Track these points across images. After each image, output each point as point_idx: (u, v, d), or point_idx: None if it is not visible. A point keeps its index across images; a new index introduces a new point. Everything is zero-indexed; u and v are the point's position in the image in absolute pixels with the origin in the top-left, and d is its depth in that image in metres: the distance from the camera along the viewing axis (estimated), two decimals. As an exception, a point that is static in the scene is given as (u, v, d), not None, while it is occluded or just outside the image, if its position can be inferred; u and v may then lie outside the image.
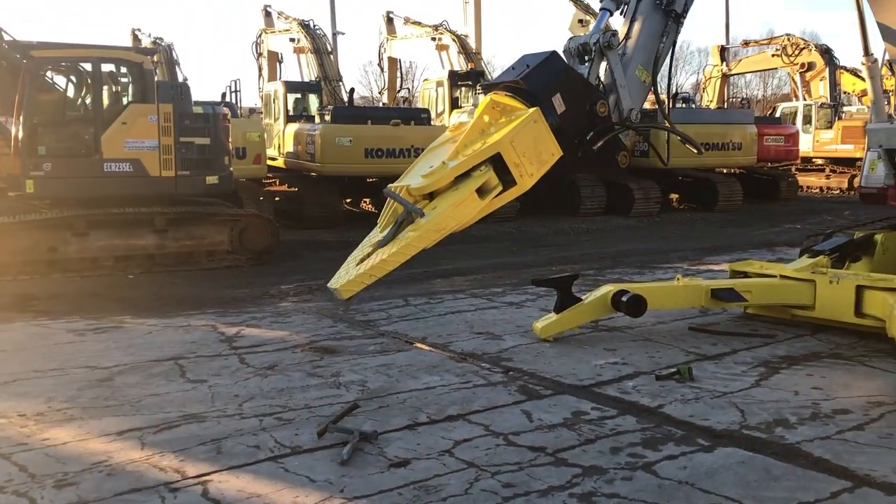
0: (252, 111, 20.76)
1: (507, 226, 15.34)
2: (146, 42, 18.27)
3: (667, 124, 6.62)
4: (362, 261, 4.32)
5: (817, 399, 4.94)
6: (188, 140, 10.64)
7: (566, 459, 4.05)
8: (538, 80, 4.77)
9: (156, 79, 10.84)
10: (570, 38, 5.83)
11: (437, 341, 6.50)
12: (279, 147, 17.22)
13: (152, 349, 6.31)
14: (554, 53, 5.06)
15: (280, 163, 17.04)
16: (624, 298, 6.31)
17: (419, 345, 6.43)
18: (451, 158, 4.42)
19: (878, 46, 7.02)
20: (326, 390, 5.22)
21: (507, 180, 4.53)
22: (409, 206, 4.14)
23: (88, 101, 10.55)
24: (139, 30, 19.79)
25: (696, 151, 6.00)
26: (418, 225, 4.15)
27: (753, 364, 5.75)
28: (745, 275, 7.15)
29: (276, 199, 16.13)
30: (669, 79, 5.98)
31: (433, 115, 17.72)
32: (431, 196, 4.49)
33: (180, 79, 15.60)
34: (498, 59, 53.23)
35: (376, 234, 4.47)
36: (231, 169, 11.44)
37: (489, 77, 20.42)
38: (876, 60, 7.18)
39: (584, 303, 6.49)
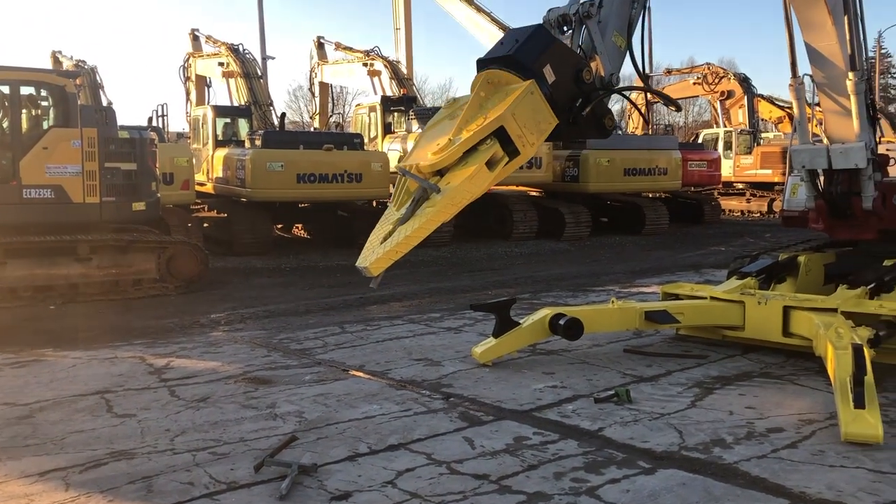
0: (180, 136, 20.34)
1: (441, 250, 15.34)
2: (67, 65, 17.74)
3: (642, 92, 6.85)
4: (385, 239, 4.31)
5: (751, 418, 5.04)
6: (114, 165, 10.33)
7: (510, 486, 4.01)
8: (529, 52, 4.91)
9: (79, 102, 10.50)
10: (550, 10, 6.02)
11: (375, 369, 6.41)
12: (208, 172, 16.88)
13: (76, 383, 6.04)
14: (541, 27, 5.24)
15: (209, 188, 16.70)
16: (561, 322, 6.35)
17: (357, 373, 6.32)
18: (455, 135, 4.49)
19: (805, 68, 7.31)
20: (262, 422, 5.06)
21: (510, 151, 4.66)
22: (424, 184, 4.24)
23: (6, 124, 10.13)
24: (60, 52, 19.22)
25: (675, 109, 6.27)
26: (435, 200, 4.24)
27: (688, 385, 5.84)
28: (677, 297, 7.30)
29: (205, 225, 15.79)
30: (643, 43, 6.19)
31: (366, 140, 17.66)
32: (441, 172, 4.54)
33: (105, 103, 15.19)
34: (429, 85, 53.74)
35: (393, 213, 4.50)
36: (158, 195, 11.16)
37: (422, 102, 20.53)
38: (802, 82, 7.45)
39: (523, 327, 6.51)
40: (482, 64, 5.06)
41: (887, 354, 5.93)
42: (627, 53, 6.06)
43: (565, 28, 5.98)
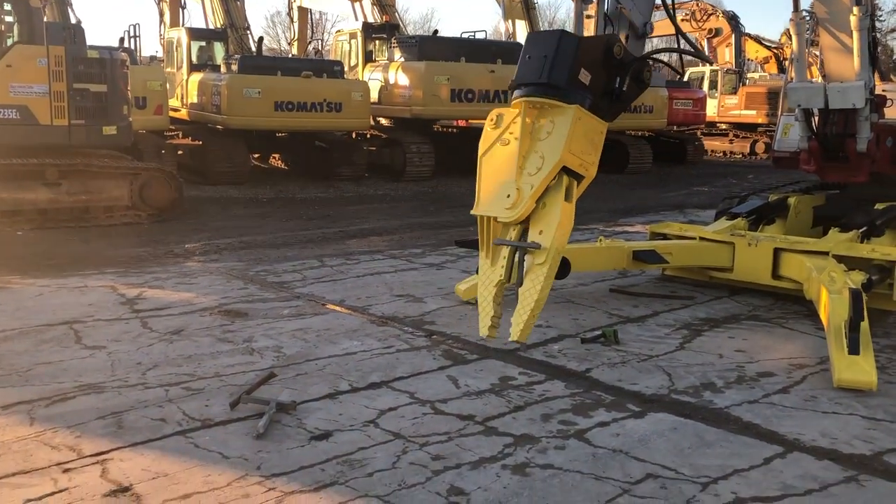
0: (153, 59, 19.61)
1: (422, 185, 15.07)
2: (33, -20, 16.86)
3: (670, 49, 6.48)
4: (494, 300, 4.29)
5: (741, 362, 4.94)
6: (83, 87, 9.86)
7: (496, 428, 3.88)
8: (562, 70, 4.63)
9: (45, 19, 9.95)
10: None
11: (355, 304, 6.23)
12: (182, 98, 16.33)
13: (44, 312, 5.79)
14: (563, 33, 4.89)
15: (183, 114, 16.17)
16: (548, 260, 6.17)
17: (337, 308, 6.14)
18: (519, 180, 4.38)
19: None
20: (239, 357, 4.88)
21: (575, 176, 4.54)
22: (525, 245, 4.26)
23: (-33, 40, 9.62)
24: (25, -34, 18.27)
25: (708, 63, 6.00)
26: (543, 257, 4.21)
27: (676, 326, 5.73)
28: (665, 237, 7.15)
29: (179, 152, 15.31)
30: None
31: (346, 68, 17.13)
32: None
33: (73, 21, 14.50)
34: (410, 15, 52.41)
35: (488, 267, 4.40)
36: (130, 119, 10.72)
37: (404, 31, 19.88)
38: (804, 18, 7.20)
39: (508, 264, 6.32)
40: (516, 87, 4.77)
41: (877, 299, 5.85)
42: None
43: None
